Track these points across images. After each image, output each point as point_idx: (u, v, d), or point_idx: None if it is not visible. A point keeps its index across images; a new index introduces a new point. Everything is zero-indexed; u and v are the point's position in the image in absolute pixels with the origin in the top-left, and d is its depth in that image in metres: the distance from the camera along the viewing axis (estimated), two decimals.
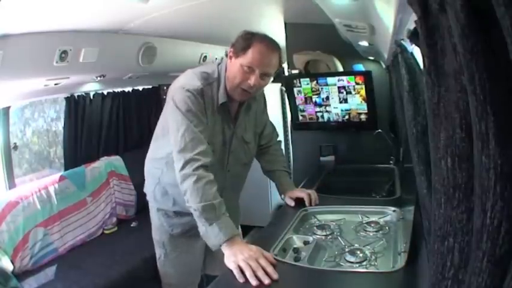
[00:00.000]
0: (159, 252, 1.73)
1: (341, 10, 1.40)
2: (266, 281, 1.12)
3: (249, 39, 1.38)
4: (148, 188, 1.69)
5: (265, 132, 1.77)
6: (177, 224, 1.63)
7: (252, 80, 1.38)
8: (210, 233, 1.28)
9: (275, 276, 1.14)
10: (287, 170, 1.82)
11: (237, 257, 1.19)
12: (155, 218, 1.69)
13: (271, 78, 1.50)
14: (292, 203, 1.74)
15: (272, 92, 3.54)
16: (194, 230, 1.57)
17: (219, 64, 1.51)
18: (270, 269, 1.15)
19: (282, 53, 1.50)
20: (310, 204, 1.71)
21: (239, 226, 1.87)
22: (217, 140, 1.50)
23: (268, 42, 1.40)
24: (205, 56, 3.16)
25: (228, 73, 1.44)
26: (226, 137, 1.53)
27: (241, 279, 1.15)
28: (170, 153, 1.43)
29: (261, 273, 1.14)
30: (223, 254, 1.26)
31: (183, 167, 1.33)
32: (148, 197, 1.72)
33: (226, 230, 1.26)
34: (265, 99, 1.77)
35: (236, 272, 1.17)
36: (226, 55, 1.48)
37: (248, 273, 1.14)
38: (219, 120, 1.48)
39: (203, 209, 1.28)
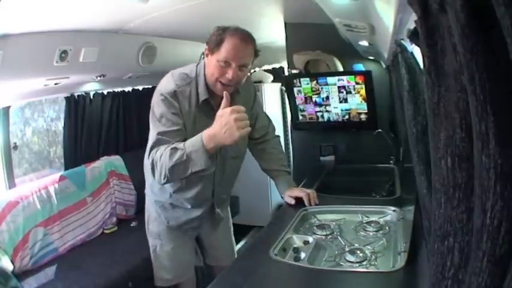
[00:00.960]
0: (154, 243, 1.76)
1: (341, 10, 1.40)
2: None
3: (221, 34, 1.40)
4: (146, 182, 1.74)
5: (258, 125, 1.76)
6: (173, 217, 1.68)
7: (229, 74, 1.40)
8: (194, 159, 1.29)
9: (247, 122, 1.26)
10: (286, 169, 1.82)
11: (221, 133, 1.25)
12: (152, 210, 1.74)
13: (249, 68, 1.51)
14: (292, 201, 1.75)
15: (272, 91, 3.55)
16: (188, 224, 1.70)
17: (197, 64, 1.54)
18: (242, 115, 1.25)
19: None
20: (310, 204, 1.72)
21: (230, 217, 1.93)
22: None
23: (240, 35, 1.41)
24: None
25: (207, 70, 1.46)
26: None
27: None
28: None
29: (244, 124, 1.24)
30: (218, 244, 1.27)
31: (148, 158, 1.39)
32: (146, 190, 1.76)
33: (195, 143, 1.30)
34: (255, 91, 1.77)
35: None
36: (203, 54, 1.50)
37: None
38: (201, 117, 1.49)
39: (171, 156, 1.31)
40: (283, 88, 2.99)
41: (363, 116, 2.51)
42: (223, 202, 1.81)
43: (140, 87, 3.36)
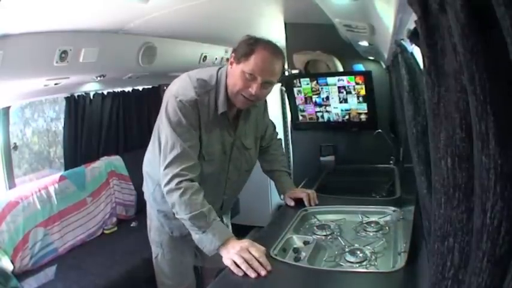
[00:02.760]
0: (156, 251, 1.73)
1: (341, 10, 1.40)
2: (263, 272, 1.15)
3: (252, 44, 1.32)
4: (147, 189, 1.67)
5: (267, 134, 1.77)
6: (177, 226, 1.59)
7: (253, 88, 1.32)
8: (204, 241, 1.29)
9: (269, 267, 1.17)
10: (287, 170, 1.82)
11: (230, 253, 1.22)
12: (154, 219, 1.68)
13: (273, 87, 1.45)
14: (292, 203, 1.74)
15: (272, 91, 3.54)
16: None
17: (219, 69, 1.44)
18: (263, 259, 1.18)
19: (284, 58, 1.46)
20: (310, 204, 1.72)
21: (230, 224, 1.90)
22: (216, 149, 1.47)
23: (273, 49, 1.34)
24: (205, 56, 3.16)
25: (229, 79, 1.38)
26: (226, 145, 1.50)
27: (239, 273, 1.17)
28: None
29: (256, 264, 1.16)
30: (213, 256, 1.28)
31: (168, 182, 1.32)
32: (146, 197, 1.71)
33: (220, 235, 1.27)
34: (266, 102, 1.72)
35: (233, 268, 1.19)
36: (227, 59, 1.44)
37: (244, 267, 1.17)
38: (217, 129, 1.44)
39: (194, 218, 1.28)
40: (283, 88, 2.99)
41: (363, 116, 2.51)
42: (227, 211, 1.81)
43: (140, 88, 3.36)
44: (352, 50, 2.40)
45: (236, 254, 1.19)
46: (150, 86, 3.41)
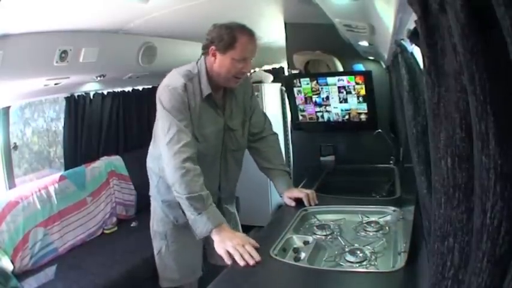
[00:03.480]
0: (159, 244, 1.75)
1: (341, 10, 1.40)
2: (251, 261, 1.25)
3: (231, 33, 1.47)
4: (151, 184, 1.76)
5: (254, 119, 1.77)
6: (181, 214, 1.62)
7: (246, 68, 1.53)
8: (198, 222, 1.38)
9: (258, 258, 1.26)
10: (285, 169, 1.79)
11: (225, 243, 1.31)
12: (159, 210, 1.74)
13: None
14: (292, 203, 1.73)
15: (272, 92, 3.55)
16: None
17: (197, 61, 1.60)
18: (254, 253, 1.27)
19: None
20: (310, 204, 1.71)
21: (237, 215, 1.93)
22: (209, 131, 1.58)
23: (248, 30, 1.50)
24: None
25: (219, 68, 1.52)
26: (220, 126, 1.61)
27: (229, 262, 1.28)
28: None
29: (247, 257, 1.25)
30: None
31: (171, 159, 1.43)
32: (151, 192, 1.77)
33: (214, 219, 1.37)
34: (252, 85, 1.82)
35: (225, 257, 1.29)
36: (204, 53, 1.56)
37: (237, 257, 1.26)
38: (207, 112, 1.57)
39: (192, 199, 1.38)
40: (283, 88, 2.99)
41: (363, 116, 2.51)
42: (229, 198, 1.82)
43: (140, 87, 3.36)
44: (352, 50, 2.40)
45: (232, 247, 1.28)
46: (150, 86, 3.40)
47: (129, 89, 3.28)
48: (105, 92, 3.06)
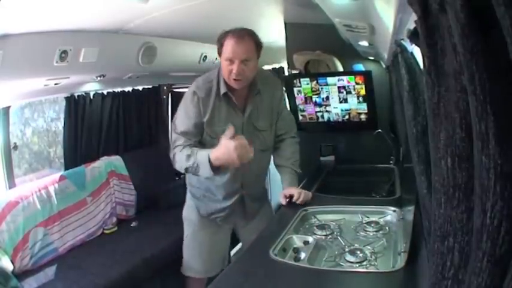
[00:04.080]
0: (187, 230, 1.93)
1: (341, 10, 1.40)
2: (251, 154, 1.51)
3: (222, 37, 1.61)
4: (187, 176, 1.93)
5: (280, 122, 1.86)
6: (203, 206, 1.87)
7: (234, 69, 1.59)
8: (202, 169, 1.57)
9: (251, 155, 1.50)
10: (293, 168, 1.86)
11: (229, 149, 1.48)
12: (189, 198, 1.94)
13: (256, 62, 1.68)
14: (283, 201, 1.79)
15: None
16: (217, 214, 1.86)
17: (219, 67, 1.73)
18: (248, 148, 1.50)
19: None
20: (302, 203, 1.73)
21: (272, 211, 2.11)
22: (222, 129, 1.65)
23: (237, 33, 1.59)
24: (205, 56, 3.16)
25: (222, 69, 1.67)
26: (236, 124, 1.68)
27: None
28: None
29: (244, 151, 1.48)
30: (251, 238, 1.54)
31: (174, 148, 1.69)
32: (187, 182, 1.96)
33: (204, 156, 1.56)
34: (282, 89, 1.95)
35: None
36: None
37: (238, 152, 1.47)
38: (224, 109, 1.70)
39: (186, 160, 1.61)
40: (283, 88, 2.98)
41: (363, 116, 2.51)
42: (256, 195, 1.91)
43: (140, 87, 3.36)
44: (352, 50, 2.40)
45: (233, 150, 1.47)
46: (150, 86, 3.40)
47: (129, 89, 3.28)
48: (105, 92, 3.06)
